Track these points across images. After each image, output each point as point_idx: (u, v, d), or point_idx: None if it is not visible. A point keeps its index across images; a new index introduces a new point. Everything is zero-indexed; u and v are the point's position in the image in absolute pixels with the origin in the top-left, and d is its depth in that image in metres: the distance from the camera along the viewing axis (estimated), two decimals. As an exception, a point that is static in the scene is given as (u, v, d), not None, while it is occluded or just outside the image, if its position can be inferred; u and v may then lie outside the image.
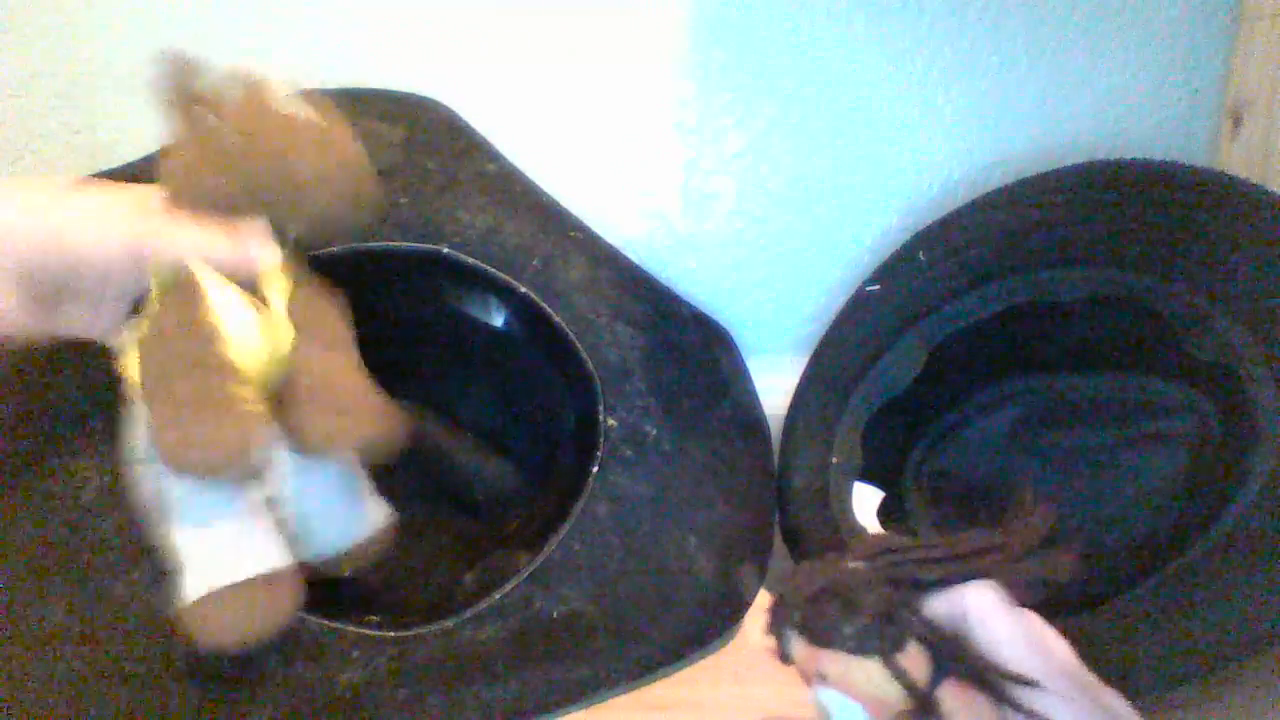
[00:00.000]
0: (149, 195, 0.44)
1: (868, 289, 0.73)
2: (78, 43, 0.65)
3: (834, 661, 0.37)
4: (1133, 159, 0.62)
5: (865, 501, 0.69)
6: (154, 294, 0.44)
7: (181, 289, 0.43)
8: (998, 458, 0.71)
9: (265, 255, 0.45)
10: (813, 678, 0.39)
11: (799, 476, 0.70)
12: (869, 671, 0.37)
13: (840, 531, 0.66)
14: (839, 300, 0.78)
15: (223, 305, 0.44)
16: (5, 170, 0.67)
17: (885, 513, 0.70)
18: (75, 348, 0.57)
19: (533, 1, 0.69)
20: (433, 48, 0.69)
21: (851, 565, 0.38)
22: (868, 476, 0.70)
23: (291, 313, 0.46)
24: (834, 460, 0.69)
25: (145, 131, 0.68)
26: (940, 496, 0.72)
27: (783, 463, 0.72)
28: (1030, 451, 0.70)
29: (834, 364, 0.72)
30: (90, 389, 0.54)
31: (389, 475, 0.67)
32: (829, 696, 0.38)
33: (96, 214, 0.43)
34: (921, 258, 0.69)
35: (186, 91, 0.44)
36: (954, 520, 0.70)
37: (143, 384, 0.43)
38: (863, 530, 0.67)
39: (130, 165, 0.61)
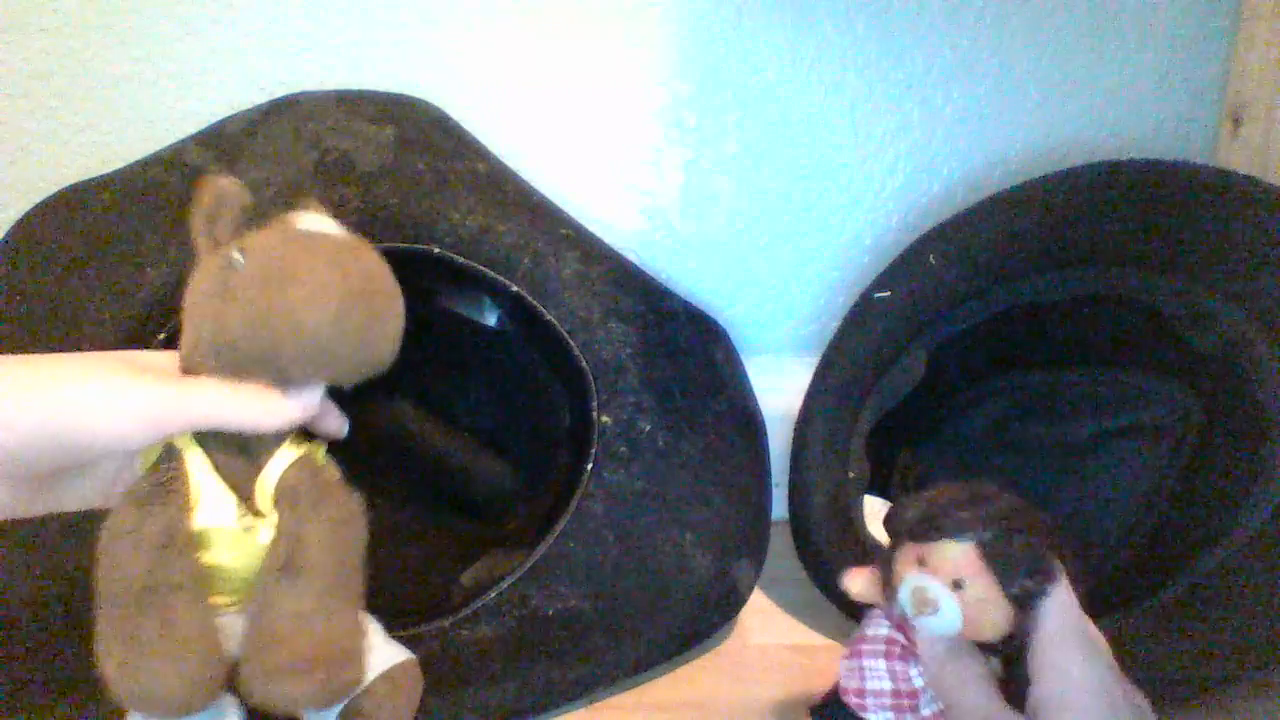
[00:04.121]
0: (163, 359, 0.40)
1: (876, 295, 0.69)
2: (78, 43, 0.66)
3: (934, 551, 0.41)
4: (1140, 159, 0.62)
5: (874, 513, 0.69)
6: (141, 471, 0.40)
7: (163, 477, 0.38)
8: (983, 456, 0.70)
9: (297, 410, 0.40)
10: (904, 572, 0.42)
11: (819, 495, 0.66)
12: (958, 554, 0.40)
13: (866, 549, 0.64)
14: (838, 300, 0.78)
15: (210, 504, 0.39)
16: (5, 170, 0.68)
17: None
18: (76, 332, 0.57)
19: (528, 1, 0.69)
20: (424, 47, 0.69)
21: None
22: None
23: (284, 504, 0.40)
24: (850, 475, 0.67)
25: (145, 131, 0.69)
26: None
27: (796, 482, 0.68)
28: (1017, 449, 0.69)
29: (845, 375, 0.68)
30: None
31: (386, 476, 0.67)
32: (915, 585, 0.41)
33: (104, 386, 0.37)
34: (932, 261, 0.67)
35: (218, 225, 0.40)
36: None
37: (96, 590, 0.37)
38: (878, 543, 0.66)
39: (129, 167, 0.61)
